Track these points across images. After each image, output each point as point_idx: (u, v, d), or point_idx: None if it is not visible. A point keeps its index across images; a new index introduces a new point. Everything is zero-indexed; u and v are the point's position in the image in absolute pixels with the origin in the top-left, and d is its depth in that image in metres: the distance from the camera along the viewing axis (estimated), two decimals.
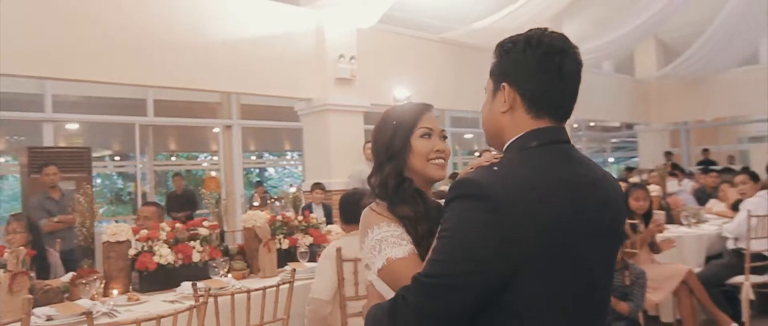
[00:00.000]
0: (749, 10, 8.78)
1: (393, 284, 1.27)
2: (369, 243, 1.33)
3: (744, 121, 13.34)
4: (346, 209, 3.04)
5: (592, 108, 10.39)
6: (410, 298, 1.09)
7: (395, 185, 1.39)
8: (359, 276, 2.91)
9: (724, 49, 9.73)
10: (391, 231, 1.32)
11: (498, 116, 1.21)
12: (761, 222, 4.18)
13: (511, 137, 1.18)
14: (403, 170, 1.40)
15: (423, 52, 7.74)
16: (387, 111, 1.49)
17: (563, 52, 1.17)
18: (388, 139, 1.42)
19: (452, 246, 1.08)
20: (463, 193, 1.10)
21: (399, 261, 1.27)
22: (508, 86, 1.18)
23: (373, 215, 1.36)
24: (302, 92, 6.50)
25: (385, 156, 1.42)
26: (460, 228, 1.08)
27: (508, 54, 1.20)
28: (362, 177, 6.21)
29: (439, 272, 1.08)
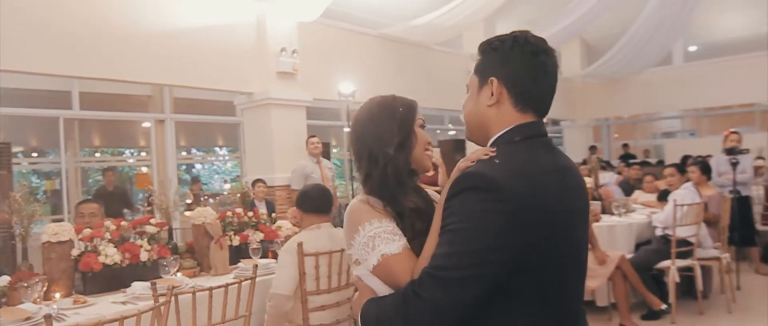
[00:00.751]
0: (664, 16, 9.41)
1: (388, 280, 1.27)
2: (361, 240, 1.29)
3: (658, 118, 14.31)
4: (309, 201, 3.01)
5: None
6: (424, 293, 1.12)
7: (406, 177, 1.37)
8: (320, 271, 2.90)
9: (642, 50, 10.39)
10: (383, 226, 1.29)
11: (484, 110, 1.26)
12: (686, 211, 4.53)
13: (497, 130, 1.25)
14: (411, 161, 1.38)
15: (363, 47, 7.77)
16: (379, 102, 1.45)
17: (547, 52, 1.26)
18: (397, 126, 1.38)
19: (464, 238, 1.11)
20: (472, 186, 1.13)
21: (394, 257, 1.26)
22: (496, 81, 1.24)
23: (364, 210, 1.32)
24: (243, 86, 6.35)
25: (391, 143, 1.37)
26: (470, 219, 1.11)
27: (496, 51, 1.26)
28: (306, 172, 6.17)
29: (452, 264, 1.10)
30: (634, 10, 9.66)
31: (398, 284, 1.24)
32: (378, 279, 1.30)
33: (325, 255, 2.90)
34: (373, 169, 1.37)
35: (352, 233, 1.32)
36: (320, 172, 6.28)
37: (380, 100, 1.46)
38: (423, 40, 8.45)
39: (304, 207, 3.03)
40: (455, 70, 9.35)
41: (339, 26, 7.44)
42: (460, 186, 1.15)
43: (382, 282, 1.29)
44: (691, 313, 4.63)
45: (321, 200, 3.03)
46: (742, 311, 4.71)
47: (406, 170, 1.37)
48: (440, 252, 1.13)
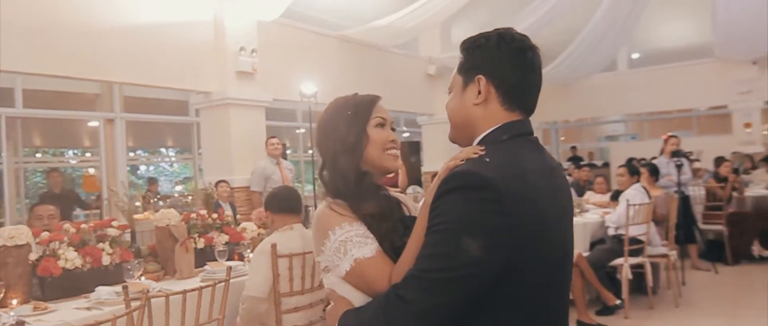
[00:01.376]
0: (610, 24, 9.80)
1: (363, 285, 1.23)
2: (331, 245, 1.24)
3: (603, 122, 14.90)
4: (281, 203, 2.99)
5: None
6: (408, 295, 1.08)
7: (355, 180, 1.31)
8: (294, 272, 2.88)
9: (589, 57, 10.78)
10: (355, 230, 1.24)
11: (470, 108, 1.23)
12: (637, 210, 4.75)
13: (483, 129, 1.22)
14: (360, 163, 1.33)
15: (323, 48, 7.74)
16: (334, 103, 1.41)
17: (532, 49, 1.25)
18: (344, 129, 1.34)
19: (454, 239, 1.07)
20: (463, 185, 1.09)
21: (367, 261, 1.21)
22: (484, 78, 1.21)
23: (332, 215, 1.27)
24: (200, 85, 6.20)
25: (341, 148, 1.33)
26: (462, 219, 1.08)
27: (482, 49, 1.24)
28: (266, 173, 6.10)
29: (441, 266, 1.07)
30: (583, 18, 10.00)
31: (373, 289, 1.20)
32: (352, 288, 1.25)
33: (298, 256, 2.89)
34: (329, 177, 1.35)
35: (321, 239, 1.26)
36: (280, 173, 6.21)
37: (335, 102, 1.42)
38: (381, 43, 8.49)
39: (274, 209, 3.01)
40: (412, 72, 9.46)
41: (299, 27, 7.39)
42: (450, 185, 1.11)
43: (355, 289, 1.24)
44: (643, 308, 4.86)
45: (291, 201, 3.02)
46: (688, 305, 4.98)
47: (356, 174, 1.31)
48: (427, 253, 1.10)
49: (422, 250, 1.11)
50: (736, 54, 10.12)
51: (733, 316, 4.64)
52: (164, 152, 12.91)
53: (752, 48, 9.81)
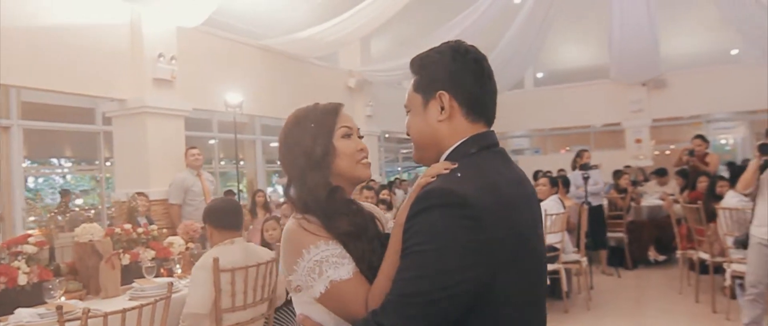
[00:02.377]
0: (519, 45, 10.40)
1: (338, 308, 1.17)
2: (305, 265, 1.17)
3: (509, 136, 15.68)
4: (221, 216, 2.89)
5: (395, 120, 11.22)
6: (387, 322, 1.04)
7: (326, 197, 1.24)
8: (236, 287, 2.80)
9: (500, 74, 11.34)
10: (330, 249, 1.18)
11: (435, 125, 1.20)
12: (554, 220, 5.06)
13: (450, 144, 1.20)
14: (329, 177, 1.27)
15: (245, 57, 7.58)
16: (295, 115, 1.34)
17: (485, 59, 1.25)
18: (309, 144, 1.27)
19: (431, 259, 1.04)
20: (438, 203, 1.06)
21: (344, 284, 1.15)
22: (446, 94, 1.18)
23: (305, 233, 1.19)
24: (114, 92, 5.85)
25: (307, 164, 1.26)
26: (438, 238, 1.04)
27: (437, 64, 1.21)
28: (185, 185, 5.86)
29: (420, 289, 1.03)
30: (495, 38, 10.54)
31: (349, 312, 1.16)
32: (325, 311, 1.20)
33: (240, 271, 2.82)
34: (297, 193, 1.27)
35: (293, 258, 1.19)
36: (201, 185, 5.99)
37: (294, 115, 1.34)
38: (303, 54, 8.46)
39: (215, 223, 2.91)
40: (333, 84, 9.48)
41: (220, 35, 7.19)
42: (424, 204, 1.07)
43: (328, 312, 1.20)
44: (558, 312, 5.16)
45: (232, 215, 2.93)
46: (598, 307, 5.36)
47: (326, 191, 1.25)
48: (405, 277, 1.06)
49: (399, 273, 1.07)
50: (629, 76, 11.08)
51: (638, 316, 5.06)
52: (56, 162, 11.94)
53: (642, 71, 10.81)
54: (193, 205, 5.90)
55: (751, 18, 8.60)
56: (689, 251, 5.54)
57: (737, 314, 4.57)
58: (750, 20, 8.71)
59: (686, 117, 12.15)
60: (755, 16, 8.47)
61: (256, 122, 10.64)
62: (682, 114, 11.78)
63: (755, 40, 9.29)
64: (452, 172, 1.13)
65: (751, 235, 3.91)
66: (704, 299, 5.23)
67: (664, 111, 11.34)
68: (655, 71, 10.76)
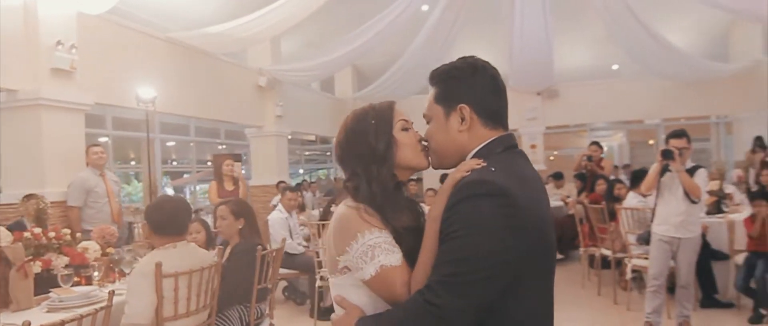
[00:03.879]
0: (427, 52, 10.70)
1: (385, 292, 1.26)
2: (358, 248, 1.25)
3: None
4: (165, 221, 2.68)
5: (304, 122, 11.08)
6: (437, 300, 1.14)
7: (394, 189, 1.34)
8: (179, 293, 2.62)
9: (408, 80, 11.61)
10: (383, 237, 1.26)
11: (456, 135, 1.33)
12: None
13: (471, 149, 1.32)
14: (393, 169, 1.35)
15: (151, 50, 7.09)
16: (354, 114, 1.43)
17: (498, 74, 1.39)
18: (372, 140, 1.35)
19: (473, 243, 1.15)
20: (479, 192, 1.17)
21: (393, 269, 1.24)
22: (466, 106, 1.32)
23: (360, 219, 1.28)
24: (3, 81, 5.23)
25: (372, 158, 1.34)
26: (479, 225, 1.15)
27: (459, 80, 1.35)
28: (87, 186, 5.40)
29: (463, 270, 1.14)
30: (403, 44, 10.74)
31: (395, 296, 1.24)
32: (366, 294, 1.29)
33: (184, 276, 2.64)
34: (361, 185, 1.34)
35: (347, 240, 1.27)
36: (105, 186, 5.52)
37: (354, 114, 1.43)
38: (213, 50, 8.10)
39: (156, 228, 2.70)
40: (242, 82, 9.17)
41: (126, 24, 6.69)
42: (465, 194, 1.18)
43: (371, 294, 1.28)
44: None
45: (179, 219, 2.73)
46: None
47: (392, 184, 1.34)
48: (449, 259, 1.16)
49: (443, 257, 1.17)
50: (526, 85, 11.80)
51: None
52: None
53: (538, 81, 11.58)
54: (96, 207, 5.44)
55: (632, 35, 9.53)
56: (591, 248, 6.00)
57: (636, 305, 5.04)
58: (631, 37, 9.66)
59: (572, 125, 13.18)
60: (635, 33, 9.41)
61: (155, 119, 10.01)
62: (571, 122, 12.77)
63: (635, 56, 10.33)
64: (486, 166, 1.24)
65: (653, 233, 4.32)
66: (606, 292, 5.69)
67: (556, 119, 12.22)
68: (549, 81, 11.55)
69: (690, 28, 11.19)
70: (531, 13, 9.52)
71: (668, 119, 12.77)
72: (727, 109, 11.62)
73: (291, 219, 5.66)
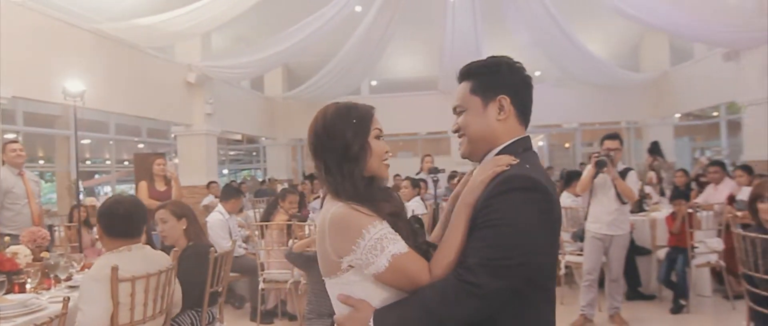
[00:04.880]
0: (361, 51, 10.75)
1: (401, 279, 1.27)
2: (366, 244, 1.25)
3: None
4: (118, 223, 2.53)
5: (234, 120, 10.78)
6: (478, 280, 1.21)
7: (365, 185, 1.35)
8: (136, 298, 2.48)
9: (340, 80, 11.60)
10: (386, 227, 1.28)
11: (494, 125, 1.41)
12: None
13: (502, 141, 1.41)
14: (364, 171, 1.36)
15: (75, 41, 6.64)
16: (337, 108, 1.41)
17: (529, 75, 1.46)
18: (350, 137, 1.36)
19: (513, 232, 1.24)
20: (519, 186, 1.27)
21: (404, 256, 1.26)
22: (506, 98, 1.40)
23: (360, 215, 1.28)
24: None
25: (344, 156, 1.35)
26: (519, 215, 1.25)
27: (498, 74, 1.43)
28: (4, 187, 5.03)
29: (504, 254, 1.23)
30: (335, 45, 10.70)
31: (413, 282, 1.27)
32: (374, 288, 1.29)
33: (141, 280, 2.51)
34: (338, 183, 1.34)
35: (352, 238, 1.26)
36: (24, 186, 5.11)
37: (337, 107, 1.42)
38: (141, 43, 7.70)
39: (109, 230, 2.54)
40: (170, 78, 8.78)
41: (47, 13, 6.21)
42: (507, 187, 1.27)
43: (379, 287, 1.29)
44: None
45: (135, 221, 2.58)
46: None
47: (363, 181, 1.36)
48: (490, 244, 1.24)
49: (483, 242, 1.25)
50: (455, 89, 12.10)
51: None
52: None
53: None
54: (14, 210, 5.01)
55: (555, 43, 10.05)
56: None
57: (569, 299, 5.32)
58: (554, 45, 10.19)
59: None
60: (558, 41, 9.93)
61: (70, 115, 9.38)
62: None
63: (557, 62, 10.89)
64: (521, 163, 1.34)
65: (587, 230, 4.58)
66: None
67: None
68: None
69: (606, 38, 11.94)
70: (462, 17, 9.80)
71: (584, 124, 13.57)
72: (638, 116, 12.50)
73: (231, 220, 5.49)
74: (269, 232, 5.13)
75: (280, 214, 5.22)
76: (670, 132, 12.49)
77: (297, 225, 4.88)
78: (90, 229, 5.79)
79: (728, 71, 8.68)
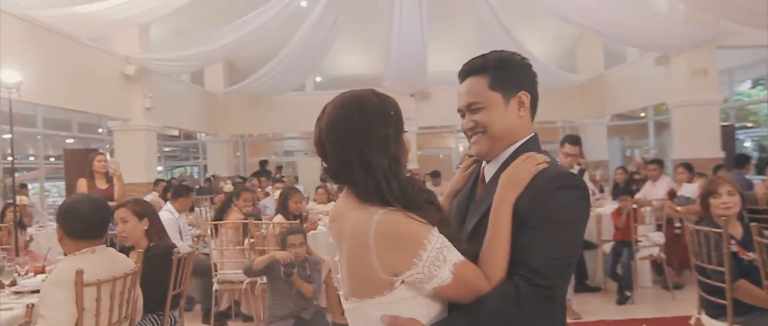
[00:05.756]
0: (307, 47, 10.59)
1: (461, 290, 1.16)
2: (428, 256, 1.11)
3: (286, 137, 15.82)
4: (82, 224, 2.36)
5: (173, 115, 10.37)
6: (547, 282, 1.17)
7: (413, 186, 1.21)
8: (101, 304, 2.33)
9: (285, 76, 11.39)
10: (442, 235, 1.15)
11: (516, 120, 1.37)
12: None
13: (520, 138, 1.37)
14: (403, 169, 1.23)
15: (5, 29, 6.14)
16: (371, 96, 1.24)
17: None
18: (392, 133, 1.20)
19: (571, 230, 1.24)
20: (569, 184, 1.26)
21: (463, 265, 1.16)
22: (527, 94, 1.37)
23: (416, 223, 1.13)
24: None
25: (385, 152, 1.19)
26: (572, 213, 1.24)
27: (516, 69, 1.38)
28: None
29: (563, 254, 1.22)
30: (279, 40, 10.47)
31: (474, 291, 1.17)
32: (423, 305, 1.17)
33: (107, 284, 2.36)
34: (380, 181, 1.17)
35: (413, 250, 1.11)
36: None
37: (375, 93, 1.25)
38: (77, 33, 7.25)
39: (71, 231, 2.37)
40: (106, 70, 8.31)
41: None
42: (557, 184, 1.24)
43: (430, 301, 1.17)
44: None
45: (97, 219, 2.42)
46: None
47: (409, 182, 1.22)
48: (549, 244, 1.20)
49: (542, 242, 1.20)
50: (400, 87, 12.17)
51: None
52: None
53: (412, 83, 12.00)
54: None
55: (499, 43, 10.29)
56: None
57: None
58: (498, 44, 10.43)
59: (438, 126, 13.89)
60: (502, 40, 10.18)
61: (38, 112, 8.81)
62: (440, 124, 13.42)
63: None
64: (553, 161, 1.32)
65: None
66: None
67: (428, 120, 12.76)
68: (422, 83, 12.04)
69: (545, 39, 12.35)
70: (408, 15, 9.85)
71: None
72: (574, 116, 13.04)
73: (180, 219, 5.29)
74: (223, 232, 4.97)
75: (234, 213, 5.06)
76: (604, 131, 13.11)
77: (254, 223, 4.76)
78: (24, 231, 5.41)
79: (659, 74, 9.19)
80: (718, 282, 2.91)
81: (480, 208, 1.34)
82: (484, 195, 1.37)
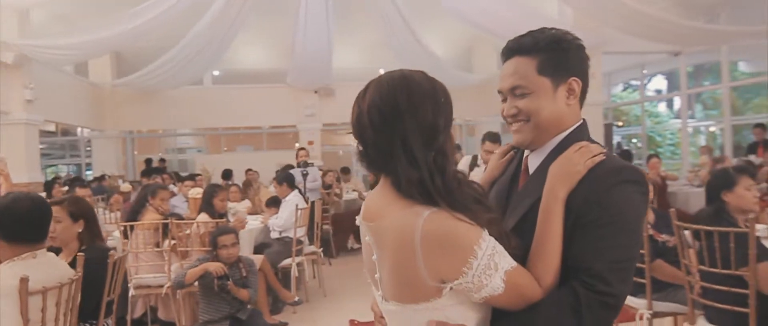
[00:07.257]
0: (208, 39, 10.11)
1: (513, 297, 1.07)
2: (479, 263, 1.03)
3: (178, 134, 14.97)
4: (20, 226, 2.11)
5: (56, 109, 9.44)
6: (610, 288, 1.07)
7: (460, 184, 1.12)
8: (47, 313, 2.11)
9: (181, 69, 10.78)
10: (492, 239, 1.06)
11: (564, 109, 1.25)
12: (300, 214, 5.26)
13: (567, 126, 1.26)
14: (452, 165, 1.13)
15: None
16: (426, 79, 1.14)
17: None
18: (442, 122, 1.11)
19: (633, 229, 1.13)
20: (631, 179, 1.15)
21: (515, 272, 1.07)
22: (578, 81, 1.25)
23: (466, 225, 1.04)
24: None
25: (431, 143, 1.09)
26: (634, 209, 1.14)
27: (568, 53, 1.24)
28: None
29: (628, 255, 1.13)
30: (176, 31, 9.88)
31: (526, 299, 1.08)
32: (472, 310, 1.10)
33: (53, 292, 2.15)
34: (424, 176, 1.08)
35: (463, 257, 1.03)
36: None
37: (416, 79, 1.12)
38: None
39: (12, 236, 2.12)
40: None
41: None
42: (616, 179, 1.13)
43: (480, 308, 1.10)
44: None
45: (38, 220, 2.18)
46: (331, 292, 5.75)
47: (456, 179, 1.13)
48: (612, 245, 1.10)
49: (602, 242, 1.10)
50: (303, 83, 12.06)
51: (365, 294, 5.68)
52: None
53: (315, 79, 11.92)
54: None
55: (404, 44, 10.54)
56: None
57: None
58: (401, 43, 10.66)
59: (339, 123, 13.91)
60: (406, 40, 10.43)
61: None
62: (342, 121, 13.43)
63: (402, 60, 11.41)
64: (609, 152, 1.21)
65: None
66: None
67: (331, 117, 12.73)
68: (327, 80, 11.99)
69: (443, 39, 12.81)
70: (315, 11, 9.76)
71: None
72: (471, 114, 13.66)
73: None
74: (136, 233, 4.64)
75: (149, 212, 4.74)
76: (498, 129, 13.85)
77: (175, 223, 4.49)
78: None
79: None
80: (638, 264, 3.25)
81: (525, 202, 1.23)
82: (528, 187, 1.26)
